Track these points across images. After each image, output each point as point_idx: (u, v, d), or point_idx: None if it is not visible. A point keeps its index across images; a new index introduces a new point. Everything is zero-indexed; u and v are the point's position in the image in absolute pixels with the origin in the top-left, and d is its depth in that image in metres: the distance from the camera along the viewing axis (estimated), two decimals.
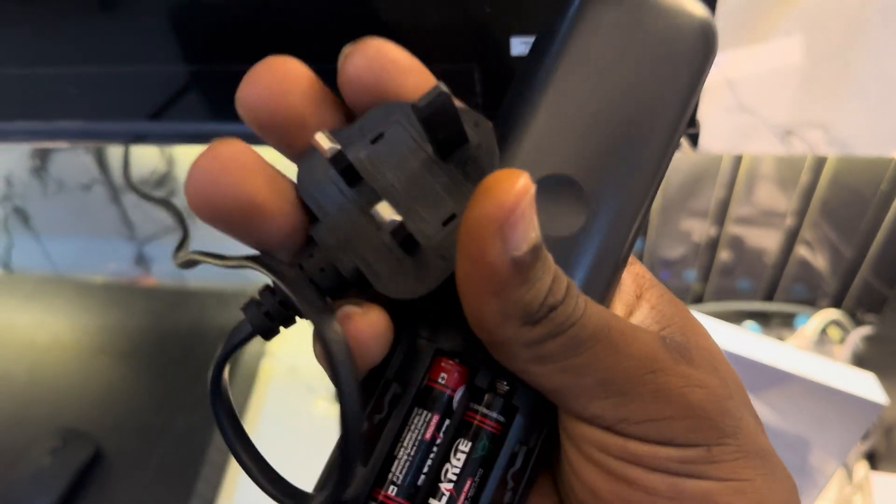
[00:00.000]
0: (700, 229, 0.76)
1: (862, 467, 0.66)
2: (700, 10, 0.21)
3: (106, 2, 0.46)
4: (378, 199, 0.19)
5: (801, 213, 0.72)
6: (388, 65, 0.20)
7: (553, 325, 0.18)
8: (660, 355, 0.19)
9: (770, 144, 0.61)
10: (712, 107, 0.57)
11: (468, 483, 0.19)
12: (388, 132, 0.20)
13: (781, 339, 0.78)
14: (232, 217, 0.19)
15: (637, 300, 0.22)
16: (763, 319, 0.81)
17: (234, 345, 0.20)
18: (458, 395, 0.20)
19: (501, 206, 0.16)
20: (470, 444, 0.20)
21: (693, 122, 0.44)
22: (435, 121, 0.19)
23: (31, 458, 0.76)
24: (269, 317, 0.20)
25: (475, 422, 0.20)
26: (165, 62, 0.48)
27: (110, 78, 0.50)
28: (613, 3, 0.21)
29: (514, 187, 0.16)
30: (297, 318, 0.20)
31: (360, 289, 0.20)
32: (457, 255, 0.18)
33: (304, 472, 0.24)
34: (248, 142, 0.20)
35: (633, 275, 0.23)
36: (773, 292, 0.81)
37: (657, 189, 0.21)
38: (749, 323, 0.80)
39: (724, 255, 0.78)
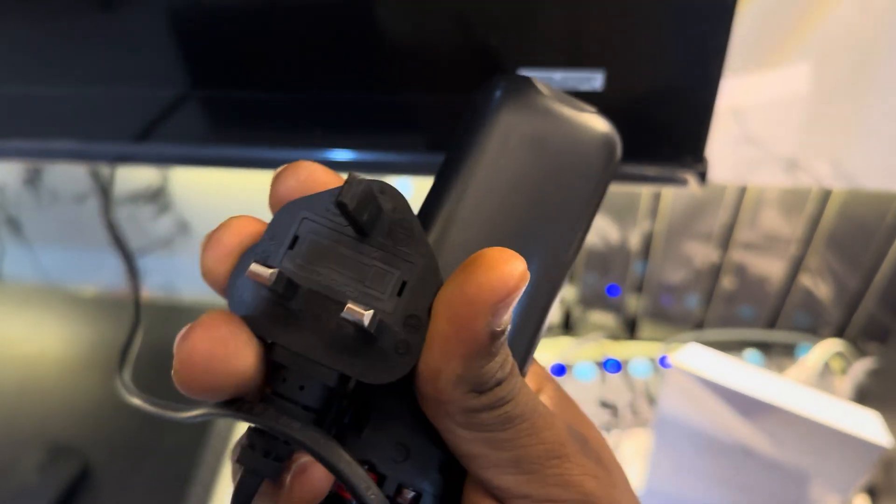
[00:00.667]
0: (702, 255, 0.75)
1: (862, 501, 0.65)
2: (603, 126, 0.24)
3: (101, 26, 0.45)
4: (327, 299, 0.20)
5: (806, 242, 0.71)
6: (317, 187, 0.21)
7: (494, 399, 0.20)
8: (567, 444, 0.21)
9: (776, 176, 0.60)
10: (718, 138, 0.56)
11: None
12: (302, 232, 0.20)
13: (783, 368, 0.77)
14: (216, 388, 0.20)
15: (538, 392, 0.24)
16: (764, 348, 0.80)
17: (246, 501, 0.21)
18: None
19: (505, 285, 0.18)
20: None
21: (701, 160, 0.43)
22: (359, 208, 0.19)
23: (17, 473, 0.74)
24: (268, 456, 0.20)
25: None
26: (159, 84, 0.47)
27: (105, 98, 0.49)
28: (526, 112, 0.23)
29: (517, 271, 0.18)
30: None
31: (342, 392, 0.21)
32: (438, 314, 0.19)
33: None
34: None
35: (532, 371, 0.24)
36: (775, 320, 0.80)
37: (564, 274, 0.23)
38: (750, 352, 0.79)
39: (726, 281, 0.77)
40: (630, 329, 0.84)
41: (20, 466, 0.75)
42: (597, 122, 0.24)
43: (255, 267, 0.19)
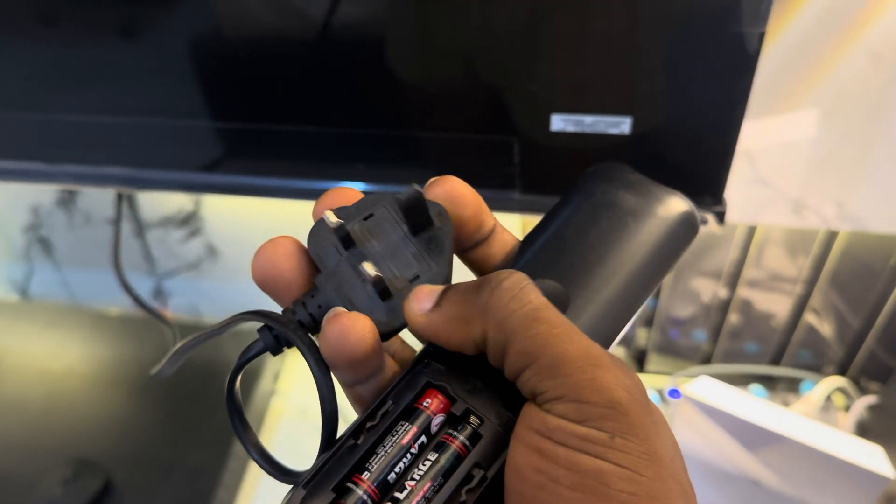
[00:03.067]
0: (710, 290, 0.77)
1: None
2: (685, 205, 0.29)
3: (124, 54, 0.48)
4: (365, 259, 0.27)
5: (811, 282, 0.74)
6: (457, 198, 0.28)
7: (510, 289, 0.24)
8: (604, 360, 0.23)
9: (784, 217, 0.63)
10: (731, 178, 0.59)
11: (427, 485, 0.23)
12: (377, 213, 0.28)
13: (786, 403, 0.79)
14: (270, 284, 0.27)
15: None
16: (769, 383, 0.82)
17: (249, 357, 0.28)
18: (436, 419, 0.25)
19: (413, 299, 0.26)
20: (437, 455, 0.24)
21: (720, 201, 0.46)
22: (409, 209, 0.26)
23: (42, 488, 0.76)
24: (276, 339, 0.27)
25: (445, 440, 0.24)
26: (210, 118, 0.50)
27: (156, 129, 0.52)
28: (621, 185, 0.29)
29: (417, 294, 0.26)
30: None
31: None
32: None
33: None
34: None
35: None
36: (779, 356, 0.82)
37: (632, 312, 0.28)
38: (755, 387, 0.81)
39: (732, 317, 0.79)
40: (639, 362, 0.86)
41: (46, 480, 0.77)
42: (678, 202, 0.29)
43: (328, 213, 0.26)
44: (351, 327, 0.25)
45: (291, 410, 0.84)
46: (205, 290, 0.91)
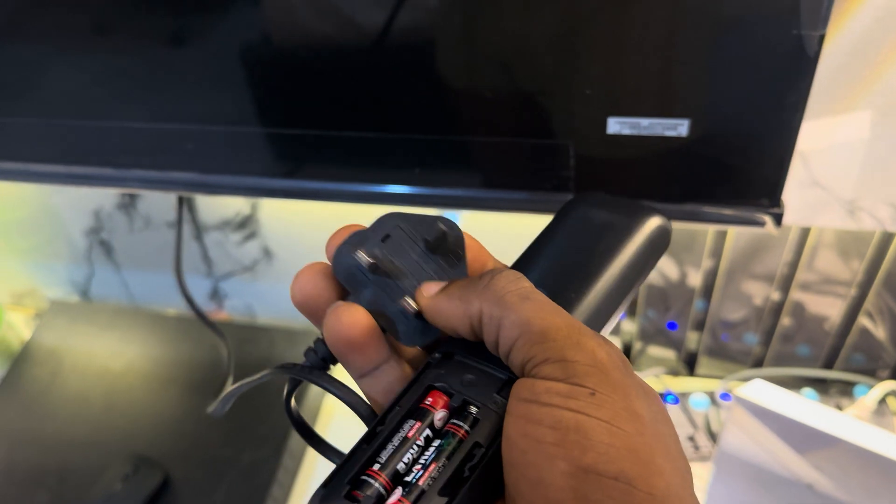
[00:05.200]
0: (761, 293, 0.77)
1: None
2: (658, 220, 0.33)
3: (177, 61, 0.50)
4: (389, 279, 0.30)
5: (866, 284, 0.73)
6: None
7: (506, 279, 0.28)
8: (588, 331, 0.26)
9: (839, 219, 0.62)
10: (787, 181, 0.59)
11: (433, 466, 0.25)
12: (393, 234, 0.30)
13: (839, 407, 0.78)
14: (307, 307, 0.31)
15: None
16: (821, 387, 0.81)
17: (289, 391, 0.32)
18: (439, 414, 0.27)
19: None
20: (439, 440, 0.26)
21: (778, 203, 0.46)
22: (436, 241, 0.30)
23: (103, 483, 0.79)
24: (323, 360, 0.31)
25: (449, 429, 0.27)
26: (270, 125, 0.52)
27: (219, 135, 0.54)
28: (607, 207, 0.33)
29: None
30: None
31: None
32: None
33: None
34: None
35: None
36: (832, 360, 0.81)
37: (614, 312, 0.31)
38: (807, 391, 0.80)
39: (785, 320, 0.79)
40: (689, 365, 0.86)
41: (106, 476, 0.79)
42: (653, 217, 0.33)
43: (357, 249, 0.29)
44: (343, 311, 0.28)
45: (344, 409, 0.86)
46: (260, 292, 0.93)
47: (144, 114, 0.54)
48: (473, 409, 0.27)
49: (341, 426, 0.84)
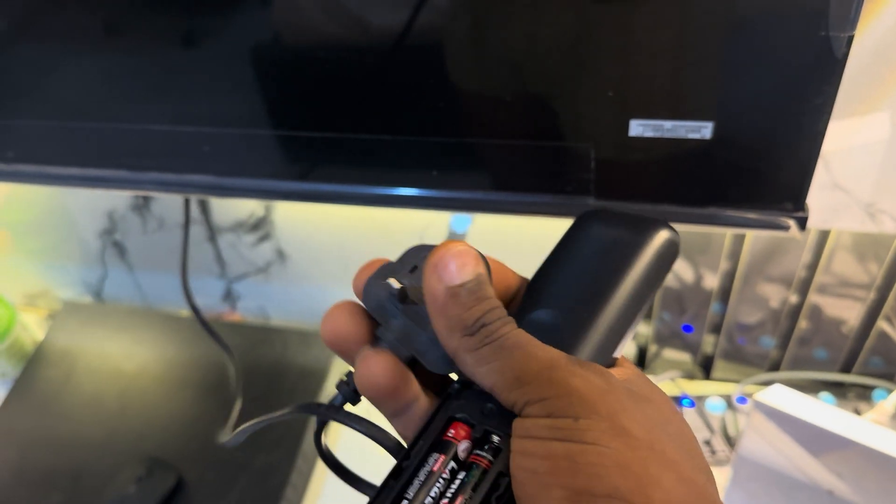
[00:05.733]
0: (778, 296, 0.76)
1: None
2: (667, 233, 0.32)
3: (188, 62, 0.50)
4: (418, 309, 0.30)
5: (885, 288, 0.73)
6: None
7: (483, 335, 0.27)
8: (560, 362, 0.26)
9: (859, 222, 0.62)
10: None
11: (459, 499, 0.26)
12: (420, 265, 0.31)
13: (858, 412, 0.77)
14: (337, 344, 0.32)
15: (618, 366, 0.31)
16: (839, 391, 0.81)
17: (318, 430, 0.33)
18: (462, 445, 0.28)
19: (435, 257, 0.28)
20: (464, 473, 0.27)
21: (802, 207, 0.46)
22: None
23: (117, 484, 0.79)
24: (354, 392, 0.32)
25: (473, 460, 0.27)
26: (287, 128, 0.52)
27: (235, 138, 0.53)
28: (608, 221, 0.33)
29: (447, 248, 0.28)
30: None
31: (418, 366, 0.31)
32: (424, 296, 0.28)
33: None
34: None
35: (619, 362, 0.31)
36: (850, 364, 0.81)
37: (629, 326, 0.31)
38: (824, 395, 0.80)
39: (802, 323, 0.78)
40: (705, 369, 0.86)
41: (120, 477, 0.79)
42: (662, 230, 0.33)
43: (387, 279, 0.30)
44: (373, 361, 0.30)
45: (358, 411, 0.85)
46: (273, 294, 0.92)
47: (159, 116, 0.54)
48: (495, 439, 0.28)
49: (352, 442, 0.84)
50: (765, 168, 0.44)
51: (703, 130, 0.43)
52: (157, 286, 0.98)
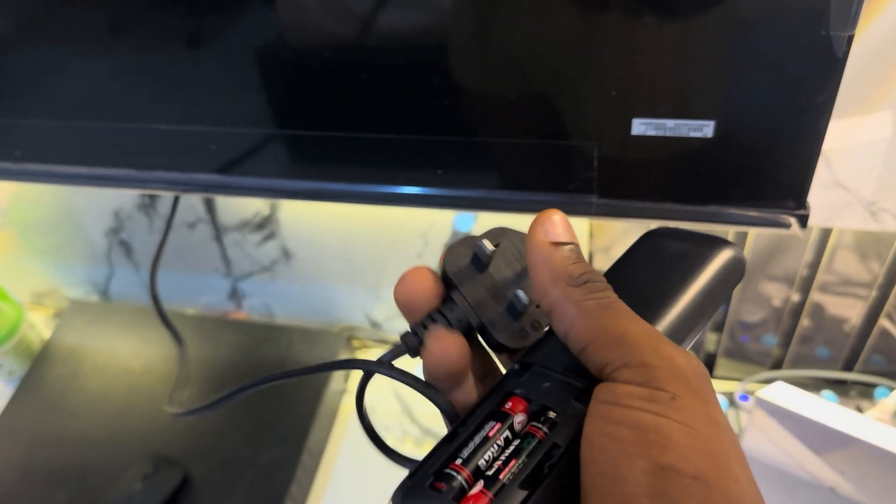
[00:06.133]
0: (780, 294, 0.77)
1: None
2: (731, 251, 0.33)
3: (192, 63, 0.50)
4: (496, 281, 0.32)
5: (887, 286, 0.73)
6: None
7: (588, 289, 0.28)
8: (665, 339, 0.26)
9: (861, 220, 0.62)
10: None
11: (513, 463, 0.26)
12: (502, 244, 0.33)
13: (860, 410, 0.78)
14: (410, 305, 0.32)
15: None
16: (841, 389, 0.81)
17: (362, 386, 0.34)
18: (518, 418, 0.28)
19: (541, 216, 0.30)
20: (519, 440, 0.27)
21: (804, 205, 0.46)
22: None
23: (123, 482, 0.79)
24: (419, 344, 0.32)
25: (529, 430, 0.27)
26: (290, 127, 0.52)
27: (239, 137, 0.54)
28: (674, 237, 0.34)
29: (553, 212, 0.30)
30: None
31: (482, 336, 0.32)
32: (526, 250, 0.29)
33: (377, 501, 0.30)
34: None
35: None
36: (852, 362, 0.81)
37: (695, 332, 0.31)
38: (826, 392, 0.80)
39: (804, 322, 0.79)
40: (708, 367, 0.86)
41: (126, 475, 0.80)
42: (727, 248, 0.33)
43: (485, 241, 0.32)
44: (450, 341, 0.30)
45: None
46: (278, 292, 0.93)
47: (164, 115, 0.54)
48: (552, 414, 0.28)
49: (358, 432, 0.84)
50: (766, 166, 0.45)
51: (705, 129, 0.44)
52: (164, 285, 0.99)
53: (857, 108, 0.55)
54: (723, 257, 0.33)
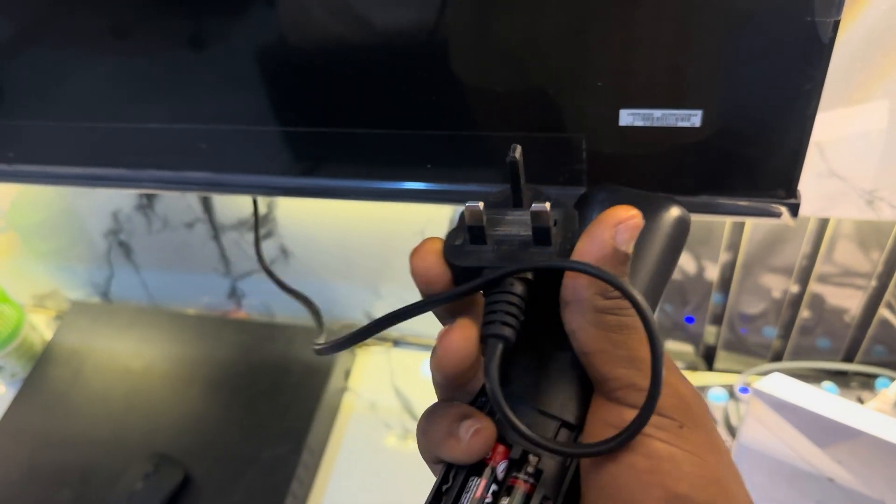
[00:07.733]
0: (780, 286, 0.76)
1: None
2: (678, 210, 0.33)
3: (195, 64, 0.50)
4: (510, 236, 0.31)
5: (886, 276, 0.73)
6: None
7: (615, 304, 0.27)
8: (670, 363, 0.27)
9: (858, 210, 0.62)
10: (804, 172, 0.58)
11: None
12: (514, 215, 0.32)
13: (861, 400, 0.77)
14: (425, 276, 0.31)
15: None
16: (842, 380, 0.81)
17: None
18: (500, 466, 0.27)
19: (620, 216, 0.28)
20: (508, 498, 0.26)
21: (794, 194, 0.46)
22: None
23: (124, 482, 0.79)
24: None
25: (513, 484, 0.26)
26: (284, 124, 0.52)
27: (234, 135, 0.54)
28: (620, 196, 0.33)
29: (631, 212, 0.28)
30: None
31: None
32: (582, 237, 0.28)
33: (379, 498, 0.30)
34: None
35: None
36: (853, 353, 0.80)
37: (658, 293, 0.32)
38: (827, 384, 0.80)
39: (804, 313, 0.78)
40: (708, 360, 0.86)
41: (127, 474, 0.80)
42: (672, 206, 0.33)
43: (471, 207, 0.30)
44: (461, 334, 0.29)
45: (362, 406, 0.86)
46: (277, 291, 0.93)
47: (161, 115, 0.54)
48: (533, 460, 0.27)
49: (358, 430, 0.84)
50: (755, 155, 0.45)
51: (693, 119, 0.43)
52: (163, 285, 0.99)
53: (850, 98, 0.55)
54: (668, 219, 0.32)
